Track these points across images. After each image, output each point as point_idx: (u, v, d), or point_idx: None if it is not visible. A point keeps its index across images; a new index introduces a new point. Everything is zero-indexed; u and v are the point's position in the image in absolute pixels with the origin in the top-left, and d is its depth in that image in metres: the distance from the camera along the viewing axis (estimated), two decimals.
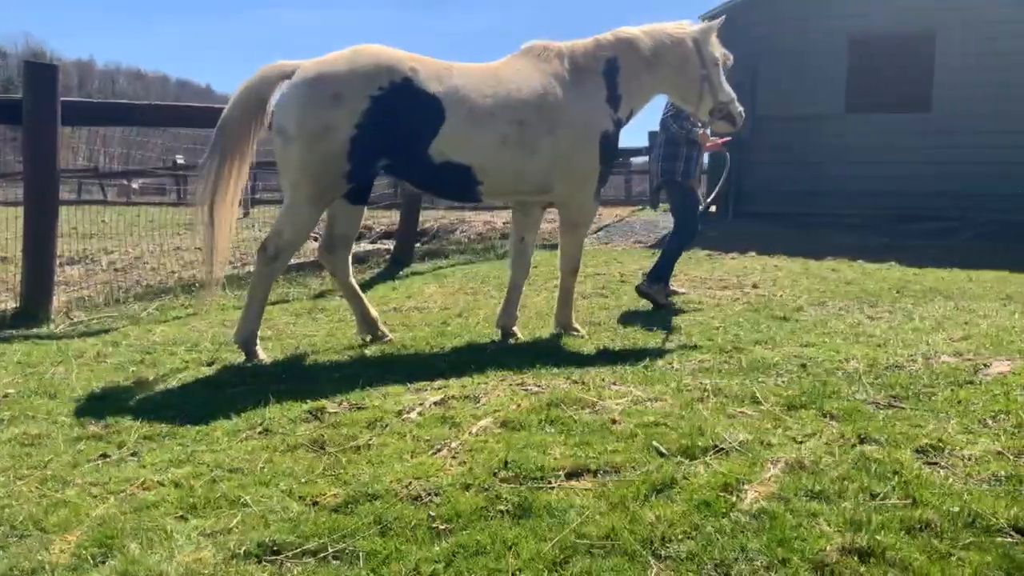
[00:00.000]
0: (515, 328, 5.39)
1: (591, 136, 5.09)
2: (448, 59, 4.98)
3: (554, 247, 10.88)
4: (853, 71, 12.96)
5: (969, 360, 4.42)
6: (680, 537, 2.53)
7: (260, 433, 3.55)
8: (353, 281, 5.28)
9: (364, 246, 10.24)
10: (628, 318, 6.00)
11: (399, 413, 3.72)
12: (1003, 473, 2.92)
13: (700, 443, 3.23)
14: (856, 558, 2.36)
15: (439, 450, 3.28)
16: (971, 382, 4.01)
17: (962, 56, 11.85)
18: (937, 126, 12.14)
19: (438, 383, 4.22)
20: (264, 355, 4.84)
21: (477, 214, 14.05)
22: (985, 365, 4.28)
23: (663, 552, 2.46)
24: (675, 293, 6.88)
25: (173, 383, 4.40)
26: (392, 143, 4.69)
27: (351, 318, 5.58)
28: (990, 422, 3.45)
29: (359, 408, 3.82)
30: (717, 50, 5.49)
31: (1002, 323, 5.49)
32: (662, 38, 5.30)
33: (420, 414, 3.70)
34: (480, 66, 5.06)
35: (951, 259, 9.11)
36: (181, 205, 16.08)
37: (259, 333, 4.93)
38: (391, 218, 11.69)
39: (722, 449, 3.19)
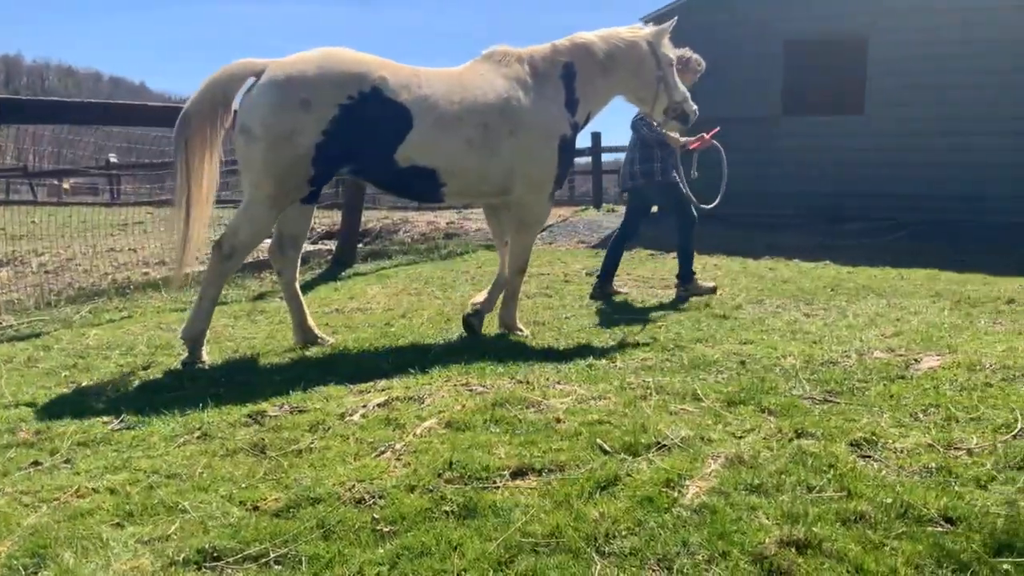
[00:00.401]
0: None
1: (550, 140, 5.21)
2: (383, 55, 4.97)
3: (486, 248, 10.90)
4: (789, 74, 13.25)
5: (901, 356, 4.56)
6: (624, 533, 2.55)
7: (199, 438, 3.48)
8: (298, 286, 5.22)
9: (305, 247, 10.09)
10: (572, 318, 6.04)
11: (342, 415, 3.68)
12: (933, 465, 3.02)
13: (643, 440, 3.27)
14: (794, 550, 2.42)
15: (383, 452, 3.26)
16: (903, 377, 4.14)
17: (894, 61, 12.21)
18: (870, 128, 12.49)
19: (381, 384, 4.19)
20: (207, 356, 4.74)
21: (420, 214, 13.99)
22: (916, 360, 4.42)
23: (607, 548, 2.49)
24: (617, 293, 6.97)
25: (108, 388, 4.28)
26: (358, 150, 4.73)
27: (291, 319, 5.49)
28: (921, 415, 3.56)
29: (300, 411, 3.77)
30: (670, 51, 5.65)
31: (932, 320, 5.67)
32: (617, 42, 5.42)
33: (363, 416, 3.66)
34: (445, 71, 5.13)
35: (883, 258, 9.38)
36: (115, 205, 15.64)
37: None
38: (332, 218, 11.56)
39: (664, 446, 3.24)
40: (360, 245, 10.38)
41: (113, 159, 21.69)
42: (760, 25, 12.86)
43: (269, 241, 5.22)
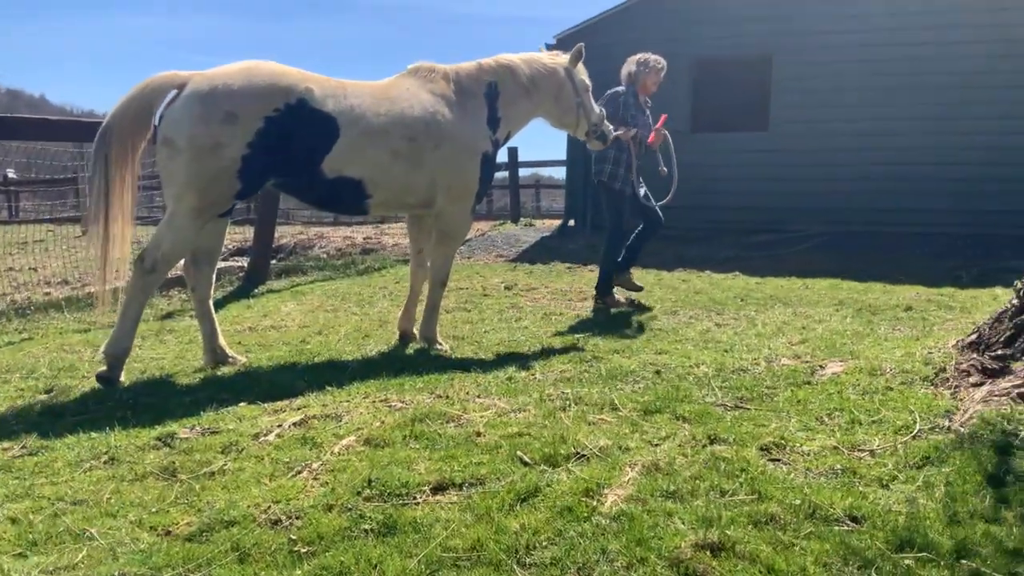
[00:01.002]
0: (415, 332, 5.62)
1: (473, 154, 5.34)
2: (296, 67, 4.92)
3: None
4: (698, 92, 13.65)
5: (806, 362, 4.73)
6: (544, 544, 2.57)
7: (105, 463, 3.34)
8: (211, 304, 5.09)
9: None
10: (491, 331, 6.05)
11: (256, 436, 3.60)
12: (839, 466, 3.14)
13: (562, 451, 3.30)
14: (709, 553, 2.48)
15: (299, 472, 3.20)
16: (809, 382, 4.29)
17: (797, 78, 12.71)
18: (774, 145, 12.96)
19: (297, 403, 4.12)
20: (123, 377, 4.59)
21: (336, 230, 13.82)
22: (821, 366, 4.59)
23: (528, 560, 2.50)
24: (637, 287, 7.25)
25: (7, 413, 4.07)
26: (284, 162, 4.72)
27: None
28: (826, 419, 3.71)
29: (213, 432, 3.67)
30: (585, 77, 5.92)
31: (835, 327, 5.91)
32: (539, 67, 5.66)
33: (278, 436, 3.59)
34: (371, 84, 5.18)
35: (789, 269, 9.74)
36: (13, 223, 14.93)
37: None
38: (244, 234, 11.31)
39: (583, 455, 3.27)
40: (274, 261, 10.18)
41: (11, 175, 20.72)
42: (669, 44, 13.16)
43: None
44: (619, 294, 7.23)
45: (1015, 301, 4.23)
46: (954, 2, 11.71)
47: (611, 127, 6.02)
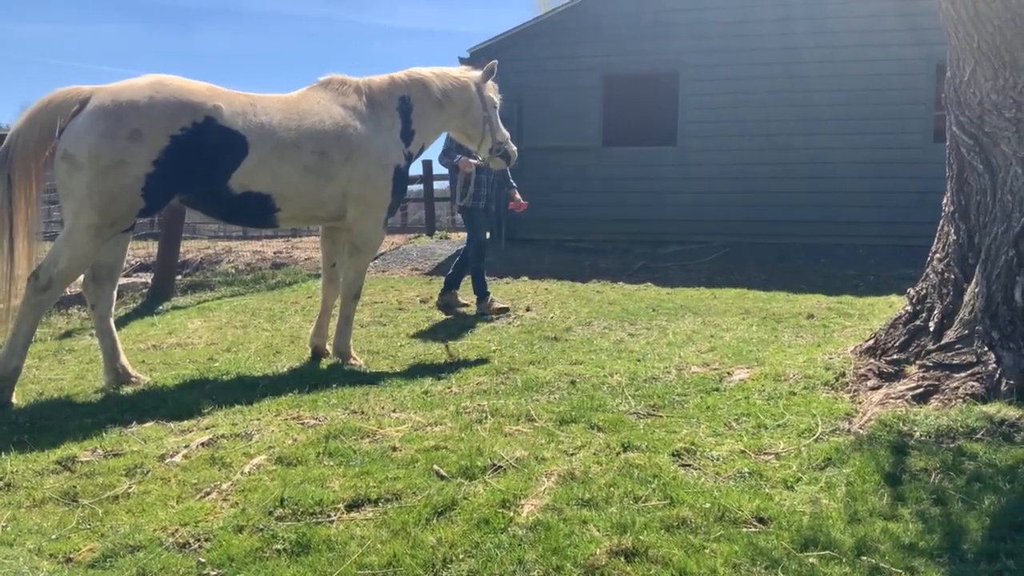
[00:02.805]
0: (328, 348, 5.58)
1: (385, 168, 5.35)
2: (197, 77, 4.84)
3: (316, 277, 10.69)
4: (608, 107, 13.92)
5: (715, 370, 4.87)
6: (461, 557, 2.57)
7: (1, 489, 3.17)
8: (112, 322, 4.90)
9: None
10: (407, 345, 6.01)
11: (162, 457, 3.48)
12: (746, 470, 3.24)
13: (479, 463, 3.30)
14: (623, 559, 2.52)
15: (208, 493, 3.11)
16: (717, 389, 4.42)
17: (702, 94, 13.12)
18: (682, 159, 13.32)
19: (205, 423, 4.00)
20: (18, 398, 4.38)
21: (245, 244, 13.50)
22: (729, 373, 4.73)
23: (445, 573, 2.49)
24: (462, 305, 7.57)
25: None
26: (191, 179, 4.66)
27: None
28: (734, 424, 3.82)
29: (116, 455, 3.53)
30: (494, 95, 6.06)
31: (742, 335, 6.10)
32: (450, 81, 5.73)
33: (185, 457, 3.48)
34: (281, 98, 5.15)
35: (698, 279, 10.00)
36: None
37: None
38: (148, 248, 10.95)
39: (500, 467, 3.28)
40: (179, 277, 9.86)
41: None
42: (581, 60, 13.43)
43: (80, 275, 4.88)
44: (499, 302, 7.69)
45: (908, 308, 4.45)
46: (852, 23, 12.31)
47: (515, 148, 6.22)
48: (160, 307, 8.18)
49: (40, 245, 4.71)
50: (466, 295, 7.66)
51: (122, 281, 9.24)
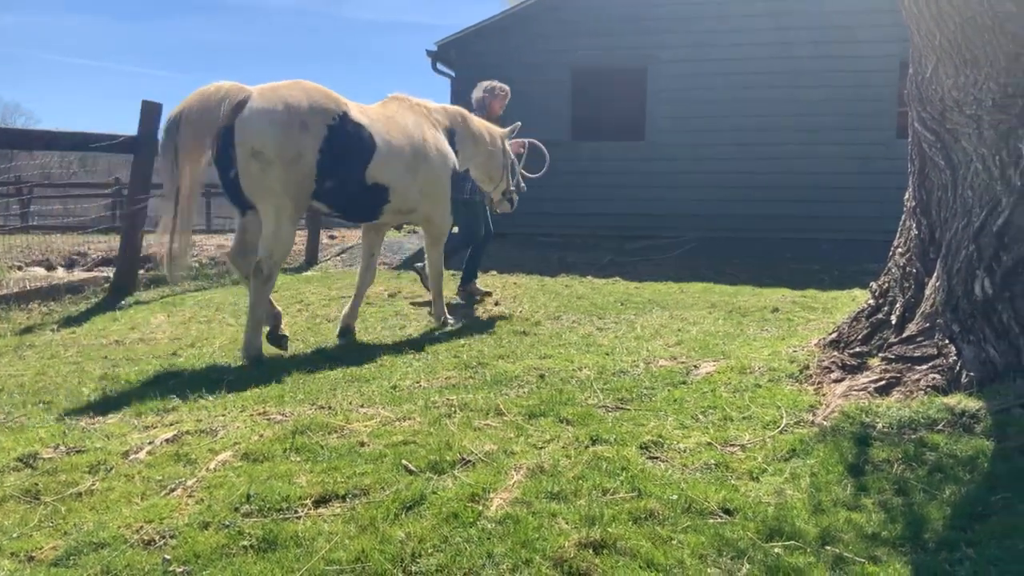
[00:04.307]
0: (355, 327, 6.17)
1: (449, 168, 6.22)
2: (170, 70, 4.85)
3: (297, 271, 10.60)
4: (577, 101, 13.95)
5: (682, 363, 4.91)
6: (430, 551, 2.56)
7: None
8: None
9: (78, 274, 9.31)
10: (375, 340, 5.98)
11: (125, 454, 3.42)
12: (713, 461, 3.27)
13: (448, 457, 3.29)
14: (591, 551, 2.54)
15: (173, 490, 3.07)
16: (684, 382, 4.45)
17: (670, 89, 13.19)
18: (650, 154, 13.40)
19: (169, 418, 3.95)
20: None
21: (209, 237, 13.33)
22: (695, 367, 4.77)
23: (414, 568, 2.48)
24: (484, 293, 8.11)
25: None
26: (341, 166, 5.29)
27: (65, 354, 5.11)
28: (701, 417, 3.85)
29: (79, 451, 3.47)
30: (511, 149, 7.14)
31: (708, 328, 6.15)
32: (486, 127, 6.84)
33: (150, 453, 3.43)
34: (372, 106, 5.87)
35: (666, 274, 10.07)
36: None
37: None
38: (109, 243, 10.76)
39: (469, 461, 3.28)
40: (142, 271, 9.69)
41: None
42: (549, 54, 13.44)
43: (42, 269, 4.87)
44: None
45: (871, 301, 4.52)
46: (817, 20, 12.45)
47: (517, 198, 7.31)
48: (122, 302, 8.04)
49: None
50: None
51: (83, 275, 9.09)
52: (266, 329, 5.45)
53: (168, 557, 2.53)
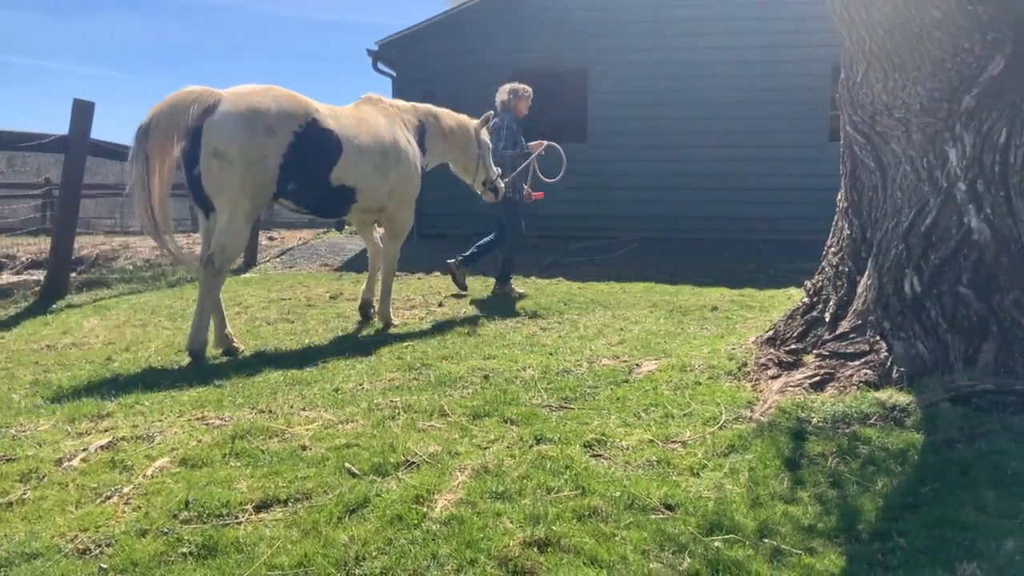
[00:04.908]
0: (375, 306, 6.71)
1: (417, 170, 6.40)
2: (100, 66, 4.80)
3: (236, 272, 10.40)
4: None
5: (624, 362, 4.96)
6: (374, 554, 2.55)
7: None
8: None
9: (7, 277, 9.00)
10: (316, 343, 5.91)
11: (58, 461, 3.33)
12: (655, 458, 3.32)
13: (392, 459, 3.28)
14: (536, 549, 2.55)
15: (109, 497, 2.99)
16: (627, 381, 4.51)
17: (611, 92, 13.32)
18: (591, 155, 13.50)
19: (104, 425, 3.84)
20: None
21: (143, 239, 12.98)
22: (637, 365, 4.83)
23: (358, 571, 2.46)
24: (520, 295, 8.21)
25: None
26: (304, 169, 5.44)
27: None
28: (643, 415, 3.90)
29: (9, 460, 3.35)
30: (487, 138, 7.37)
31: (650, 328, 6.23)
32: (456, 121, 7.02)
33: (84, 460, 3.33)
34: (344, 108, 6.05)
35: (608, 274, 10.17)
36: None
37: None
38: (40, 245, 10.42)
39: (413, 463, 3.27)
40: (74, 274, 9.41)
41: None
42: (490, 55, 13.45)
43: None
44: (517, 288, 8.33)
45: (805, 300, 4.64)
46: (754, 24, 12.71)
47: (502, 184, 7.45)
48: (53, 306, 7.79)
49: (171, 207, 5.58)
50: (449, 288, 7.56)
51: (11, 279, 8.79)
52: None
53: (104, 566, 2.47)
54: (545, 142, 8.38)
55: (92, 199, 18.35)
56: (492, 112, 7.46)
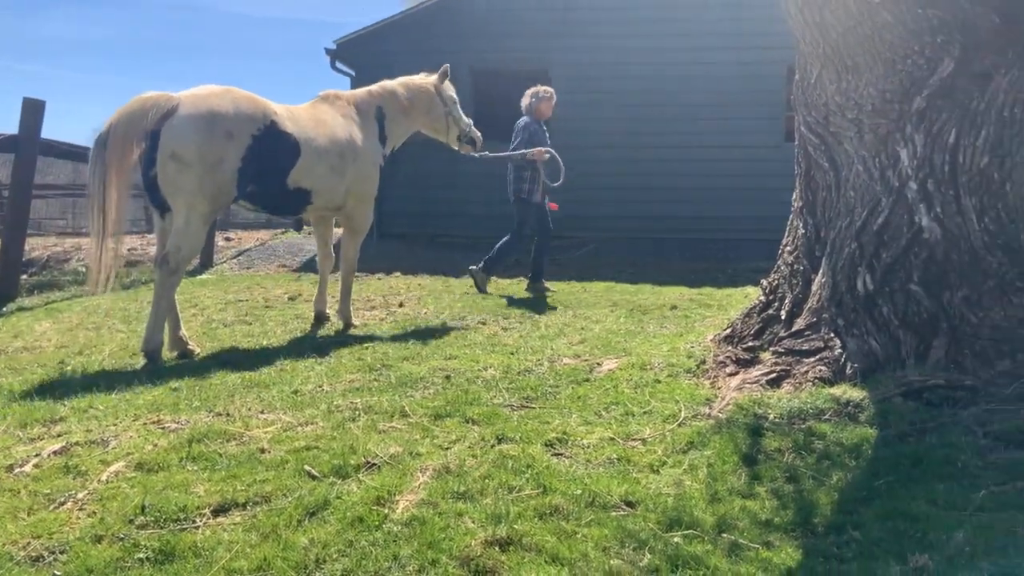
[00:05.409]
0: (330, 312, 6.67)
1: (376, 167, 6.36)
2: (50, 65, 4.70)
3: (192, 274, 10.25)
4: (479, 102, 13.96)
5: (585, 361, 4.99)
6: (335, 556, 2.53)
7: None
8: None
9: None
10: (275, 344, 5.85)
11: (10, 467, 3.25)
12: (615, 456, 3.35)
13: (352, 461, 3.26)
14: (498, 548, 2.56)
15: (63, 503, 2.93)
16: (587, 380, 4.53)
17: (572, 92, 13.36)
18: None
19: (57, 429, 3.76)
20: None
21: None
22: (598, 364, 4.86)
23: (318, 574, 2.45)
24: (549, 291, 8.51)
25: None
26: (263, 172, 5.45)
27: None
28: (604, 413, 3.93)
29: None
30: (451, 91, 7.13)
31: (610, 327, 6.28)
32: (414, 88, 6.80)
33: (36, 466, 3.26)
34: (301, 108, 6.01)
35: (568, 273, 10.22)
36: None
37: None
38: None
39: (374, 464, 3.25)
40: (24, 276, 9.20)
41: None
42: (449, 55, 13.37)
43: None
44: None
45: (762, 298, 4.71)
46: (713, 26, 12.86)
47: (479, 133, 7.36)
48: (3, 309, 7.61)
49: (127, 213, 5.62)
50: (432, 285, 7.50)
51: None
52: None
53: (59, 573, 2.42)
54: (548, 151, 8.57)
55: (43, 200, 17.94)
56: (448, 66, 7.24)
